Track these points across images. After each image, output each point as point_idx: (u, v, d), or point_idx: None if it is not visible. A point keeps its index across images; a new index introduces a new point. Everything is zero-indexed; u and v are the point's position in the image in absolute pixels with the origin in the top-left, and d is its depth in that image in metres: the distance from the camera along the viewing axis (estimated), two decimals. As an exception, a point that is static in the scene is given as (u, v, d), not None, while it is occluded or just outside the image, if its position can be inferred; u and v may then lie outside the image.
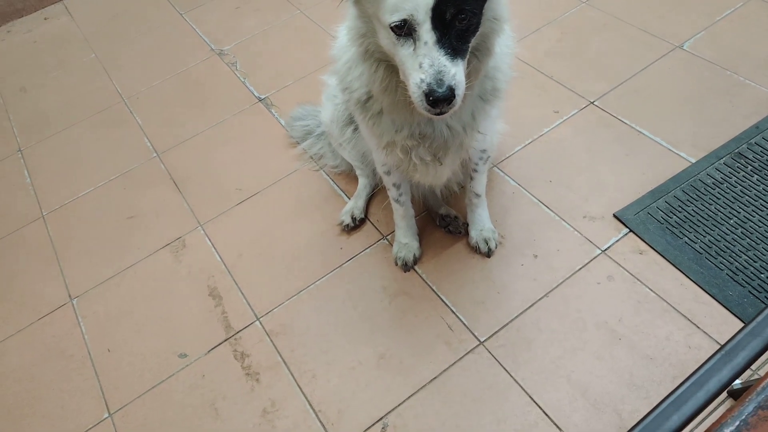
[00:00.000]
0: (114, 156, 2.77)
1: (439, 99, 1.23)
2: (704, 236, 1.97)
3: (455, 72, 1.23)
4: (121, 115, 2.99)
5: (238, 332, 2.02)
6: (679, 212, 2.05)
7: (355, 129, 2.09)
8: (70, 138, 2.93)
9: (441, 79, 1.21)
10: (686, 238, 1.98)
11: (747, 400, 0.76)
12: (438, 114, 1.30)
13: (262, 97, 2.91)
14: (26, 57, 3.56)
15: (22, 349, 2.11)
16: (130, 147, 2.80)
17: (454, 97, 1.24)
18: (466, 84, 1.34)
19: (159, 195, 2.55)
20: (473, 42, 1.33)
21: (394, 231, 2.15)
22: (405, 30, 1.23)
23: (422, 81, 1.23)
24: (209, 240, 2.33)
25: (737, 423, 0.73)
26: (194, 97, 3.01)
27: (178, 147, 2.75)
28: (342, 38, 1.57)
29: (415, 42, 1.24)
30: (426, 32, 1.21)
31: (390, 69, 1.42)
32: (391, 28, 1.24)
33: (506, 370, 1.79)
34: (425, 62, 1.22)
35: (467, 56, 1.30)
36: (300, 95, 2.82)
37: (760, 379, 0.79)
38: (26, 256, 2.43)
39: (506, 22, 1.40)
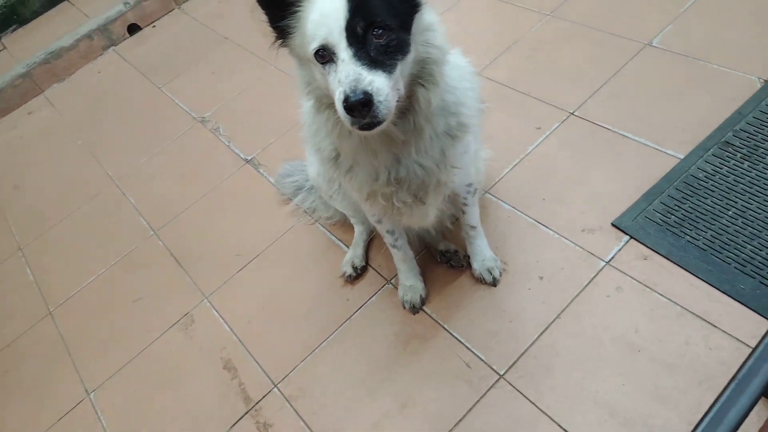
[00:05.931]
0: (112, 240, 2.80)
1: (354, 104, 1.22)
2: (706, 232, 1.96)
3: (372, 79, 1.24)
4: (114, 197, 3.03)
5: (257, 402, 2.01)
6: (677, 211, 2.04)
7: (342, 181, 2.11)
8: (68, 229, 2.96)
9: (355, 86, 1.22)
10: (688, 237, 1.97)
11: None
12: (366, 128, 1.29)
13: (249, 158, 2.94)
14: (15, 154, 3.63)
15: (47, 453, 2.10)
16: (126, 229, 2.83)
17: (372, 102, 1.23)
18: (423, 116, 1.42)
19: (161, 273, 2.56)
20: (411, 68, 1.36)
21: (397, 274, 2.14)
22: (327, 56, 1.28)
23: (341, 93, 1.24)
24: (216, 311, 2.33)
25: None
26: (183, 168, 3.05)
27: (173, 221, 2.77)
28: (304, 105, 1.62)
29: (336, 65, 1.27)
30: (343, 51, 1.25)
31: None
32: (316, 58, 1.29)
33: (531, 401, 1.76)
34: (342, 75, 1.25)
35: (394, 71, 1.30)
36: (285, 151, 2.85)
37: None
38: (40, 356, 2.43)
39: (446, 51, 1.43)
